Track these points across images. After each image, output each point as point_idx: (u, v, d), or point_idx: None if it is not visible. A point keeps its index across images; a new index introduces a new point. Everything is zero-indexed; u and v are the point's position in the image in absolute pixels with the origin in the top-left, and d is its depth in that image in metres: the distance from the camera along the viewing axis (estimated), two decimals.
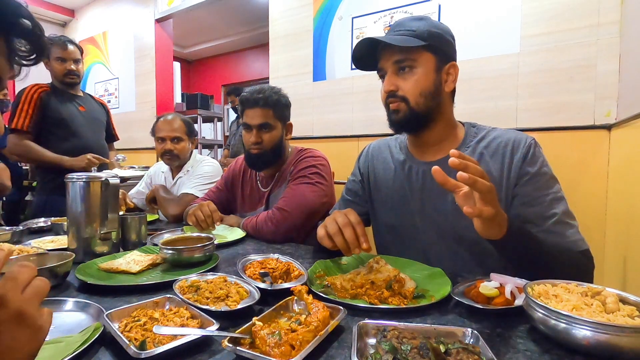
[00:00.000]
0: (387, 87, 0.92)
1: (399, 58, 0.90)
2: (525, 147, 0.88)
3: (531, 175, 0.86)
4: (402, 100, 0.91)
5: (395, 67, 0.91)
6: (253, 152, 1.38)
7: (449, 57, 0.92)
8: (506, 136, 0.92)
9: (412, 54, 0.88)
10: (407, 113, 0.91)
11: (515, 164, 0.88)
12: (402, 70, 0.91)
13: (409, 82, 0.90)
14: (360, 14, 2.32)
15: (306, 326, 0.52)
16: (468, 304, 0.63)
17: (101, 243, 0.98)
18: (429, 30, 0.88)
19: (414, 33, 0.88)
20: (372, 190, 1.11)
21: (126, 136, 3.72)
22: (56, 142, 2.01)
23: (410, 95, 0.90)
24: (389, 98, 0.93)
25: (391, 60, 0.91)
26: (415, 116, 0.91)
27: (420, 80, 0.89)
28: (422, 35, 0.88)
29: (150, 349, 0.49)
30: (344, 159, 2.41)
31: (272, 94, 1.36)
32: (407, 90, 0.90)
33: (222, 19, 5.21)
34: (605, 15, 1.60)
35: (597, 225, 1.60)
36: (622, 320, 0.50)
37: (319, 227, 0.88)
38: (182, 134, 1.83)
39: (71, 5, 4.38)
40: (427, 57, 0.89)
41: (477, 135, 0.95)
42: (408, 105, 0.90)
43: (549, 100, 1.74)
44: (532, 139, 0.90)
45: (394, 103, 0.92)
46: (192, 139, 1.90)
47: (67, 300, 0.66)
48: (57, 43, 2.03)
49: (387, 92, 0.92)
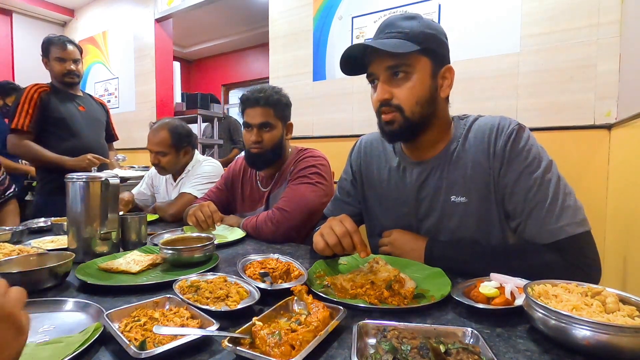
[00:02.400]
0: (380, 95, 0.86)
1: (393, 64, 0.84)
2: (506, 134, 0.84)
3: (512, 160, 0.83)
4: (397, 109, 0.85)
5: (389, 73, 0.85)
6: (253, 151, 1.38)
7: (444, 60, 0.88)
8: (490, 122, 0.88)
9: (406, 58, 0.83)
10: (402, 124, 0.86)
11: (497, 152, 0.84)
12: (395, 75, 0.85)
13: (403, 90, 0.84)
14: (360, 14, 2.31)
15: (306, 326, 0.52)
16: (468, 304, 0.63)
17: (101, 243, 0.98)
18: (423, 32, 0.83)
19: (406, 35, 0.82)
20: (365, 190, 1.09)
21: (126, 136, 3.72)
22: (56, 142, 2.01)
23: (406, 105, 0.85)
24: (382, 107, 0.87)
25: (383, 66, 0.85)
26: (410, 126, 0.86)
27: (415, 87, 0.84)
28: (416, 37, 0.82)
29: (150, 349, 0.49)
30: (344, 159, 2.39)
31: (273, 93, 1.36)
32: (402, 99, 0.85)
33: (222, 18, 5.20)
34: (605, 15, 1.59)
35: (597, 225, 1.59)
36: (622, 320, 0.50)
37: (316, 235, 0.86)
38: (166, 148, 1.72)
39: (71, 5, 4.37)
40: (422, 61, 0.84)
41: (464, 128, 0.92)
42: (403, 115, 0.85)
43: (549, 100, 1.74)
44: (517, 123, 0.86)
45: (388, 113, 0.86)
46: (184, 149, 1.79)
47: (67, 300, 0.66)
48: (56, 43, 2.03)
49: (381, 100, 0.86)
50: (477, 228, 0.88)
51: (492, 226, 0.88)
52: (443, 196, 0.92)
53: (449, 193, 0.90)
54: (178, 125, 1.79)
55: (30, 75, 2.88)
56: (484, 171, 0.87)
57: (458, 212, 0.90)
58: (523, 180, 0.82)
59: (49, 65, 2.07)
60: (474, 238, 0.89)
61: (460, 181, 0.89)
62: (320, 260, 0.89)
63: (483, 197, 0.87)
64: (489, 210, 0.87)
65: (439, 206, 0.92)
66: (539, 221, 0.79)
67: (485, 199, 0.87)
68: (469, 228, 0.89)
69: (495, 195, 0.86)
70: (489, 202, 0.87)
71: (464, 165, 0.89)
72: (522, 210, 0.82)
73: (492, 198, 0.87)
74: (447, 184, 0.91)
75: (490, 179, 0.86)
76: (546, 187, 0.80)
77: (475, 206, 0.88)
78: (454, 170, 0.90)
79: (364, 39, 2.30)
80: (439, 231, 0.93)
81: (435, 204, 0.93)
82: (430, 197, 0.94)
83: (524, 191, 0.82)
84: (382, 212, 1.05)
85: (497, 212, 0.87)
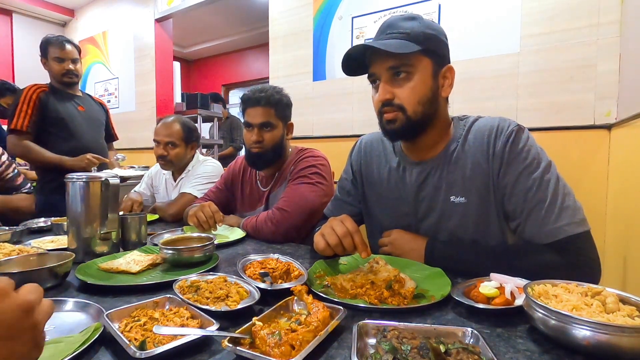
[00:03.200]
0: (382, 95, 0.87)
1: (394, 64, 0.85)
2: (506, 134, 0.85)
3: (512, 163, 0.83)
4: (399, 109, 0.86)
5: (390, 73, 0.86)
6: (254, 151, 1.38)
7: (445, 60, 0.89)
8: (490, 123, 0.89)
9: (408, 58, 0.84)
10: (404, 122, 0.87)
11: (497, 152, 0.85)
12: (397, 75, 0.86)
13: (405, 90, 0.85)
14: (360, 14, 2.32)
15: (306, 326, 0.52)
16: (468, 304, 0.63)
17: (101, 243, 0.98)
18: (424, 32, 0.84)
19: (408, 36, 0.83)
20: (365, 189, 1.10)
21: (126, 136, 3.71)
22: (55, 142, 2.00)
23: (408, 104, 0.86)
24: (384, 107, 0.88)
25: (385, 66, 0.86)
26: (411, 125, 0.87)
27: (417, 87, 0.85)
28: (417, 38, 0.83)
29: (150, 349, 0.49)
30: (344, 159, 2.39)
31: (274, 93, 1.37)
32: (404, 99, 0.86)
33: (222, 19, 5.21)
34: (605, 15, 1.60)
35: (597, 225, 1.60)
36: (622, 320, 0.50)
37: (317, 235, 0.87)
38: (177, 140, 1.76)
39: (71, 5, 4.38)
40: (423, 61, 0.85)
41: (464, 128, 0.93)
42: (405, 115, 0.86)
43: (549, 100, 1.74)
44: (516, 124, 0.87)
45: (390, 113, 0.88)
46: (192, 144, 1.84)
47: (67, 301, 0.66)
48: (54, 43, 2.03)
49: (383, 101, 0.87)
50: (476, 228, 0.89)
51: (491, 226, 0.88)
52: (442, 196, 0.92)
53: (449, 193, 0.91)
54: (187, 120, 1.86)
55: (31, 75, 2.88)
56: (483, 172, 0.87)
57: (457, 212, 0.90)
58: (522, 181, 0.82)
59: (47, 65, 2.07)
60: (474, 238, 0.89)
61: (459, 181, 0.90)
62: (320, 260, 0.89)
63: (482, 197, 0.88)
64: (488, 211, 0.88)
65: (438, 206, 0.93)
66: (538, 221, 0.80)
67: (485, 199, 0.87)
68: (468, 228, 0.89)
69: (494, 195, 0.87)
70: (488, 203, 0.87)
71: (463, 166, 0.90)
72: (521, 210, 0.82)
73: (491, 199, 0.87)
74: (447, 184, 0.91)
75: (490, 180, 0.87)
76: (545, 188, 0.80)
77: (475, 206, 0.88)
78: (453, 171, 0.91)
79: (364, 39, 2.30)
80: (438, 231, 0.93)
81: (434, 204, 0.93)
82: (430, 197, 0.94)
83: (523, 192, 0.82)
84: (382, 212, 1.05)
85: (496, 213, 0.88)
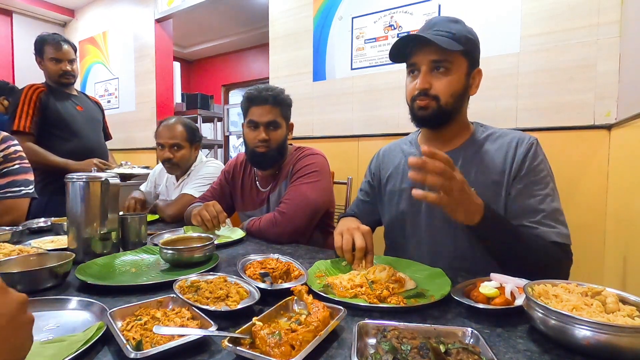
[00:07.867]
0: (422, 84, 0.94)
1: (438, 58, 0.92)
2: (527, 144, 0.94)
3: (529, 170, 0.92)
4: (433, 98, 0.94)
5: (432, 66, 0.94)
6: (260, 150, 1.37)
7: (477, 63, 0.98)
8: (511, 135, 0.99)
9: (450, 55, 0.92)
10: (435, 110, 0.95)
11: (517, 158, 0.93)
12: (437, 69, 0.94)
13: (442, 82, 0.93)
14: (360, 14, 2.31)
15: (306, 326, 0.52)
16: (468, 304, 0.63)
17: (101, 243, 0.98)
18: (466, 36, 0.93)
19: (453, 36, 0.91)
20: (381, 186, 1.17)
21: (126, 136, 3.72)
22: (58, 143, 1.99)
23: (442, 95, 0.94)
24: (419, 95, 0.95)
25: (428, 59, 0.93)
26: (442, 113, 0.95)
27: (453, 82, 0.94)
28: (460, 39, 0.91)
29: (147, 349, 0.49)
30: (344, 159, 2.41)
31: (280, 92, 1.37)
32: (440, 90, 0.94)
33: (222, 19, 5.20)
34: (605, 15, 1.59)
35: (597, 225, 1.60)
36: (622, 320, 0.50)
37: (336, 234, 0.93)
38: (182, 141, 1.75)
39: (71, 5, 4.37)
40: (461, 61, 0.94)
41: (484, 133, 1.02)
42: (438, 104, 0.94)
43: (549, 100, 1.74)
44: (535, 138, 0.96)
45: (424, 100, 0.95)
46: (195, 145, 1.83)
47: (70, 299, 0.66)
48: (50, 43, 2.00)
49: (421, 89, 0.95)
50: None
51: None
52: None
53: None
54: (188, 121, 1.85)
55: (30, 76, 2.88)
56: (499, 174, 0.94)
57: None
58: (527, 194, 0.90)
59: (43, 64, 2.04)
60: None
61: (472, 176, 0.96)
62: (320, 260, 0.89)
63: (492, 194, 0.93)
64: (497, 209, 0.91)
65: None
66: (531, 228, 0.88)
67: (494, 199, 0.92)
68: None
69: (505, 194, 0.93)
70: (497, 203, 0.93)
71: (479, 163, 0.97)
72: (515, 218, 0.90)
73: (501, 200, 0.93)
74: None
75: (504, 182, 0.93)
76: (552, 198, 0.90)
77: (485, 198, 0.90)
78: (468, 164, 0.98)
79: (364, 39, 2.30)
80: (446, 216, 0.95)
81: None
82: None
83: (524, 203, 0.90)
84: (396, 197, 1.10)
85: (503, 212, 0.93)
